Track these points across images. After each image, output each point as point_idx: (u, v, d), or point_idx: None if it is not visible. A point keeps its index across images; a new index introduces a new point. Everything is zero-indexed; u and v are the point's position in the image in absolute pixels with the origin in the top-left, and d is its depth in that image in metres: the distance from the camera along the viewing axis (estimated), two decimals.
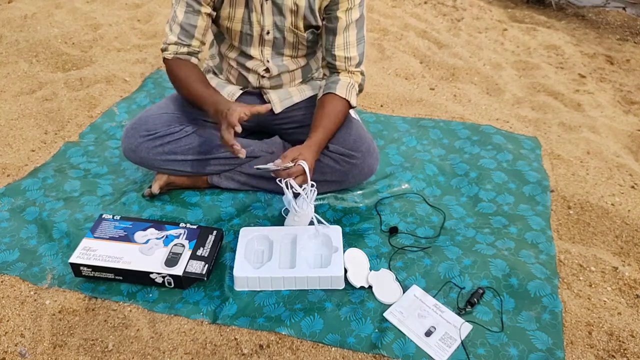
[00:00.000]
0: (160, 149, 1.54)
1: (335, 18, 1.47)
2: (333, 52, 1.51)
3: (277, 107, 1.65)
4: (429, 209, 1.62)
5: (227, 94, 1.66)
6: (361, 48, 1.53)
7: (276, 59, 1.58)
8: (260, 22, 1.48)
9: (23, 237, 1.51)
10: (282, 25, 1.49)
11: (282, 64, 1.60)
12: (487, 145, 1.90)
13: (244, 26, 1.50)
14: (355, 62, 1.53)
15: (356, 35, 1.50)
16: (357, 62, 1.53)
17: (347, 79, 1.52)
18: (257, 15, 1.47)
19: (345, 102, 1.50)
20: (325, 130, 1.46)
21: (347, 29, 1.48)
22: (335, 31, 1.48)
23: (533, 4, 3.59)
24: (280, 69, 1.60)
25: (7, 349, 1.22)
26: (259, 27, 1.49)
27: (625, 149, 2.04)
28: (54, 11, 2.92)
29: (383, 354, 1.20)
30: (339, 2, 1.44)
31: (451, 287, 1.36)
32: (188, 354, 1.22)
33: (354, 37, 1.50)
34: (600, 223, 1.62)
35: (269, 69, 1.59)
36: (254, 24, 1.49)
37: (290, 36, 1.52)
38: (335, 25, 1.48)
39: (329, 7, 1.46)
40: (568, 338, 1.26)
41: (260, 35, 1.51)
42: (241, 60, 1.60)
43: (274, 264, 1.36)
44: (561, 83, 2.50)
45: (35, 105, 2.11)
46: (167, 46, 1.50)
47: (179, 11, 1.47)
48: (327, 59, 1.54)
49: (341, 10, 1.45)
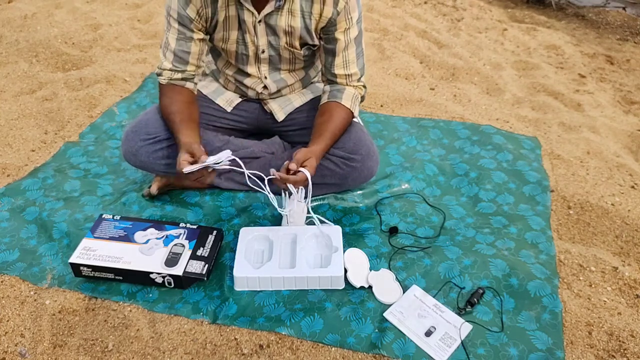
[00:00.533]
0: (161, 153, 1.53)
1: (333, 39, 1.45)
2: (333, 71, 1.51)
3: (280, 115, 1.65)
4: (429, 209, 1.62)
5: (226, 100, 1.65)
6: (361, 63, 1.53)
7: (274, 74, 1.58)
8: (255, 42, 1.47)
9: (23, 237, 1.51)
10: (277, 45, 1.48)
11: (280, 78, 1.59)
12: (487, 145, 1.90)
13: (239, 47, 1.49)
14: (356, 77, 1.54)
15: (355, 52, 1.50)
16: (358, 77, 1.54)
17: (352, 90, 1.53)
18: (251, 36, 1.45)
19: (350, 112, 1.51)
20: (331, 136, 1.46)
21: (346, 48, 1.47)
22: (334, 52, 1.48)
23: (533, 4, 3.59)
24: (278, 85, 1.60)
25: (7, 349, 1.22)
26: (254, 47, 1.48)
27: (625, 149, 2.04)
28: (54, 11, 2.92)
29: (383, 354, 1.20)
30: (336, 23, 1.42)
31: (451, 287, 1.36)
32: (188, 354, 1.22)
33: (353, 55, 1.50)
34: (600, 223, 1.62)
35: (267, 86, 1.59)
36: (248, 45, 1.48)
37: (286, 53, 1.51)
38: (334, 46, 1.47)
39: (326, 28, 1.45)
40: (568, 338, 1.26)
41: (255, 54, 1.50)
42: (239, 78, 1.60)
43: (273, 264, 1.36)
44: (561, 83, 2.50)
45: (35, 105, 2.11)
46: (162, 71, 1.50)
47: (170, 38, 1.45)
48: (328, 77, 1.55)
49: (339, 32, 1.44)
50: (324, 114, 1.50)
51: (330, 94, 1.53)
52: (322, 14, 1.40)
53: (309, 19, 1.42)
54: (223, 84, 1.67)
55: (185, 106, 1.48)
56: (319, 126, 1.48)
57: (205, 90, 1.67)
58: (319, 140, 1.43)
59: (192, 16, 1.40)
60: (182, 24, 1.42)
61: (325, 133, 1.45)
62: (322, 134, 1.45)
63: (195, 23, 1.42)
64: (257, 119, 1.69)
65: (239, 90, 1.65)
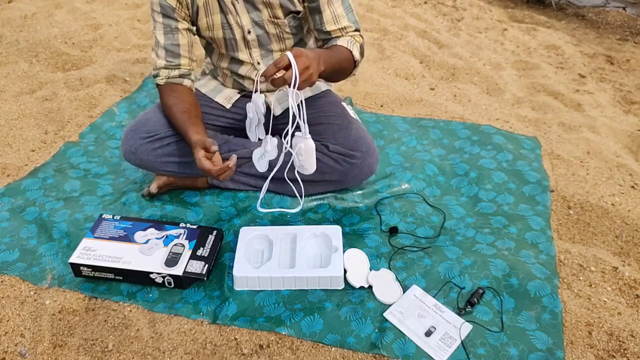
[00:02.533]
0: (160, 151, 1.54)
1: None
2: (325, 29, 1.46)
3: (277, 109, 1.65)
4: (429, 209, 1.62)
5: (225, 97, 1.66)
6: (352, 16, 1.48)
7: (267, 59, 1.57)
8: (239, 22, 1.47)
9: (23, 237, 1.51)
10: (260, 20, 1.47)
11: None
12: (487, 145, 1.90)
13: (225, 32, 1.49)
14: (351, 30, 1.48)
15: (342, 5, 1.46)
16: (352, 29, 1.49)
17: (346, 37, 1.47)
18: (234, 16, 1.46)
19: (349, 51, 1.44)
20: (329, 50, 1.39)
21: (330, 3, 1.43)
22: (319, 9, 1.44)
23: (533, 4, 3.59)
24: None
25: (7, 349, 1.22)
26: (239, 29, 1.48)
27: (625, 149, 2.04)
28: (54, 11, 2.92)
29: (383, 354, 1.20)
30: None
31: (451, 287, 1.36)
32: (188, 354, 1.22)
33: (340, 9, 1.45)
34: (600, 223, 1.62)
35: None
36: (233, 26, 1.48)
37: (272, 28, 1.49)
38: (317, 3, 1.43)
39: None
40: (568, 338, 1.26)
41: (243, 37, 1.50)
42: (233, 68, 1.60)
43: (273, 264, 1.36)
44: (561, 83, 2.50)
45: (35, 105, 2.11)
46: (158, 71, 1.51)
47: (158, 35, 1.48)
48: (322, 38, 1.49)
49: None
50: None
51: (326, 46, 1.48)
52: None
53: None
54: (221, 81, 1.68)
55: (188, 104, 1.49)
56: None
57: (204, 89, 1.68)
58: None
59: (172, 5, 1.44)
60: (166, 15, 1.45)
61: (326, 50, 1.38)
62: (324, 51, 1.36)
63: (178, 12, 1.45)
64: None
65: (237, 85, 1.65)
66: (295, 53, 1.21)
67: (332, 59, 1.36)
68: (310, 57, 1.23)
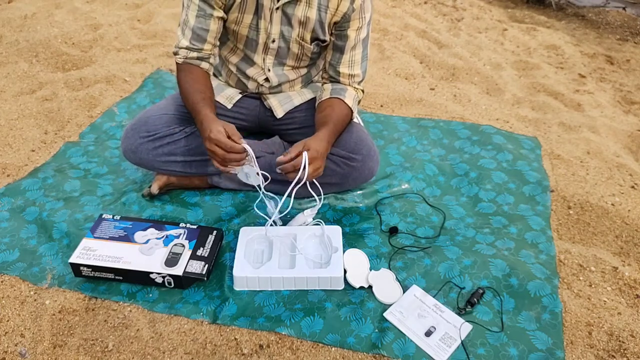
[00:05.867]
0: (160, 150, 1.54)
1: (345, 36, 1.47)
2: (338, 68, 1.53)
3: (279, 111, 1.65)
4: (429, 209, 1.62)
5: (226, 97, 1.66)
6: (364, 66, 1.55)
7: (277, 69, 1.58)
8: (268, 29, 1.47)
9: (23, 237, 1.51)
10: (288, 36, 1.48)
11: (282, 74, 1.60)
12: (487, 145, 1.90)
13: (251, 32, 1.49)
14: (358, 79, 1.55)
15: (361, 54, 1.52)
16: (360, 79, 1.56)
17: (353, 91, 1.54)
18: (266, 23, 1.46)
19: (351, 111, 1.53)
20: (335, 125, 1.44)
21: (354, 48, 1.50)
22: (342, 49, 1.50)
23: (533, 4, 3.59)
24: (280, 79, 1.60)
25: (7, 349, 1.22)
26: (265, 35, 1.48)
27: (625, 149, 2.04)
28: (54, 11, 2.92)
29: (383, 354, 1.20)
30: (350, 19, 1.44)
31: (451, 287, 1.36)
32: (188, 354, 1.22)
33: (359, 56, 1.52)
34: (600, 223, 1.62)
35: (269, 78, 1.59)
36: (260, 31, 1.48)
37: (296, 47, 1.51)
38: (344, 43, 1.49)
39: (339, 24, 1.46)
40: (568, 338, 1.26)
41: (265, 43, 1.50)
42: (242, 67, 1.60)
43: (273, 264, 1.36)
44: (561, 83, 2.50)
45: (35, 105, 2.11)
46: (179, 50, 1.49)
47: (190, 15, 1.44)
48: (330, 73, 1.55)
49: (352, 29, 1.46)
50: (325, 109, 1.49)
51: (332, 91, 1.53)
52: (339, 7, 1.43)
53: (325, 12, 1.43)
54: (224, 78, 1.68)
55: (203, 86, 1.47)
56: (323, 117, 1.46)
57: None
58: (324, 128, 1.41)
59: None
60: (204, 0, 1.41)
61: (330, 122, 1.43)
62: (327, 123, 1.43)
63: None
64: (258, 116, 1.69)
65: (240, 85, 1.65)
66: (312, 155, 1.30)
67: (337, 133, 1.46)
68: (322, 153, 1.33)
